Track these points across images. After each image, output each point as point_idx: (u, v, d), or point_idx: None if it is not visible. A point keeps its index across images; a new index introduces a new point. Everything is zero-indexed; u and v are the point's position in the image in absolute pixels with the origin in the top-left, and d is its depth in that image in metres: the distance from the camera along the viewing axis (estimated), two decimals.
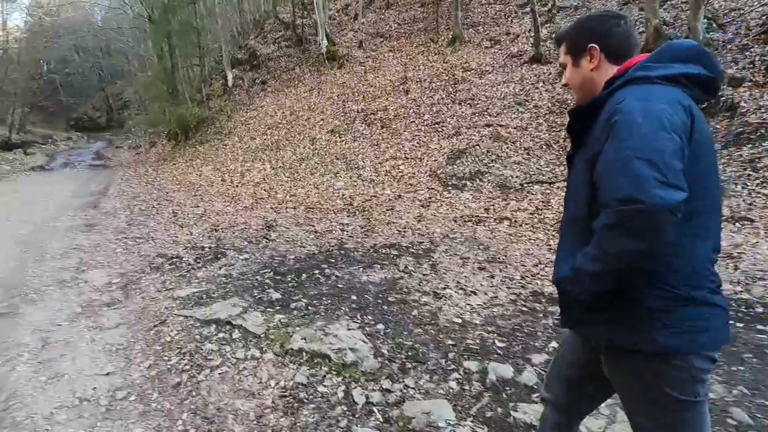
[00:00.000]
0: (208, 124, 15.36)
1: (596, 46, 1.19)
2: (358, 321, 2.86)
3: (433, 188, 7.46)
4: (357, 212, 6.56)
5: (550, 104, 9.01)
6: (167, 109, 15.78)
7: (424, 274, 3.78)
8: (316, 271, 3.84)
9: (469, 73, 11.25)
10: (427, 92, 11.13)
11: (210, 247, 4.65)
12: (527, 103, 9.40)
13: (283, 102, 14.13)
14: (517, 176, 7.12)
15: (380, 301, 3.21)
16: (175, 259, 4.26)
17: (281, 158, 10.46)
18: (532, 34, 10.93)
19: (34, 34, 30.40)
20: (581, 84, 1.25)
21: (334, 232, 5.46)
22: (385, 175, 8.41)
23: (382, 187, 7.90)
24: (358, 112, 11.35)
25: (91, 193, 8.80)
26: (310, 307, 3.05)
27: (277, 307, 3.06)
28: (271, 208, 7.09)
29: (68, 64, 40.05)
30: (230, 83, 17.69)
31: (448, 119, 9.77)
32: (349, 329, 2.70)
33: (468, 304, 3.17)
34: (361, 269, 3.90)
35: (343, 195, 7.70)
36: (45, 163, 16.05)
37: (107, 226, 5.76)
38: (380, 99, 11.60)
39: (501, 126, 8.85)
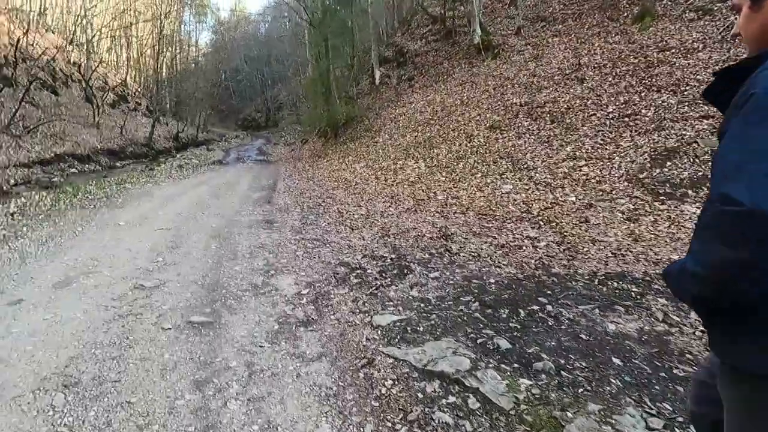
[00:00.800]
0: (357, 121, 15.72)
1: None
2: (653, 411, 1.90)
3: (636, 197, 5.94)
4: (541, 223, 5.50)
5: None
6: (322, 107, 16.64)
7: (702, 331, 2.62)
8: (536, 307, 2.97)
9: (668, 53, 9.07)
10: (609, 79, 9.32)
11: (390, 258, 4.15)
12: None
13: (433, 98, 13.58)
14: None
15: (663, 374, 2.18)
16: (358, 271, 3.84)
17: (435, 156, 9.86)
18: None
19: (217, 48, 35.92)
20: (759, 35, 0.86)
21: (524, 248, 4.52)
22: (564, 179, 7.10)
23: (562, 193, 6.65)
24: (520, 105, 10.12)
25: (262, 188, 9.41)
26: (563, 372, 2.19)
27: (515, 365, 2.27)
28: (436, 211, 6.46)
29: (239, 72, 46.58)
30: (377, 81, 17.92)
31: (643, 110, 7.92)
32: (650, 429, 1.76)
33: None
34: (597, 310, 2.90)
35: (514, 200, 6.69)
36: (222, 158, 18.41)
37: (284, 224, 5.80)
38: (547, 90, 10.15)
39: None
